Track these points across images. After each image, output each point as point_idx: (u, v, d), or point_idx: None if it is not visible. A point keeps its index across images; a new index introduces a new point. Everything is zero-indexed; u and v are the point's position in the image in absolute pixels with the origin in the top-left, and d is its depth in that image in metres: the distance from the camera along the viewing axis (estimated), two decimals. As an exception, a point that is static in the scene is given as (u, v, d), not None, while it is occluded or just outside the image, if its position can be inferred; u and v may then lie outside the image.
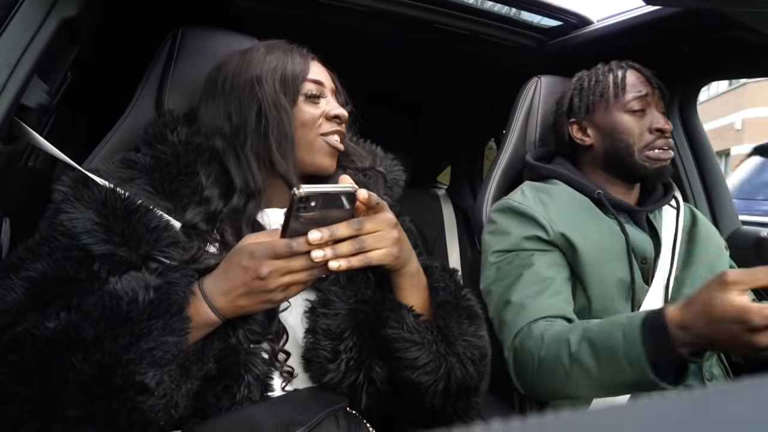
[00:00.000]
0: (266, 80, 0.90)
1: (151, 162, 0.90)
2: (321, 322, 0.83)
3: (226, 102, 0.91)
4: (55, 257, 0.76)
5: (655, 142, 1.17)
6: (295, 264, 0.71)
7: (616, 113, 1.20)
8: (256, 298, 0.72)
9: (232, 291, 0.73)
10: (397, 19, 1.42)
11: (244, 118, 0.89)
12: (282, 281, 0.71)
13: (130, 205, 0.80)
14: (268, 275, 0.70)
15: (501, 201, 1.21)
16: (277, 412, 0.76)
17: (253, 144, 0.89)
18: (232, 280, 0.72)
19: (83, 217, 0.78)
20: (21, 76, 0.85)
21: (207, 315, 0.73)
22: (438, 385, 0.82)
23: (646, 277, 1.14)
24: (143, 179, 0.87)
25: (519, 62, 1.66)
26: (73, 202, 0.80)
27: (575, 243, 1.10)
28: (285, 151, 0.89)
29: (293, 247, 0.70)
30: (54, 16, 0.89)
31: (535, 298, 1.05)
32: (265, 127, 0.89)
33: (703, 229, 1.26)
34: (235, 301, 0.73)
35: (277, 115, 0.89)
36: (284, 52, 0.95)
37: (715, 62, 1.42)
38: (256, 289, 0.71)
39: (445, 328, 0.84)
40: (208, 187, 0.88)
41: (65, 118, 1.45)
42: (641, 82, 1.20)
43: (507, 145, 1.43)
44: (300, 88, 0.93)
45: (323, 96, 0.95)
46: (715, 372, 1.15)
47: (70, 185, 0.82)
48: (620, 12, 1.42)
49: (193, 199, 0.87)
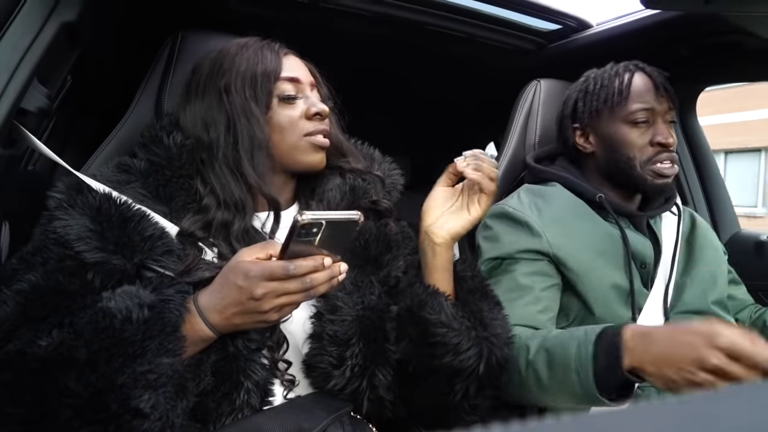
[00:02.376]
0: (235, 88, 0.88)
1: (145, 166, 0.88)
2: (328, 328, 0.82)
3: (200, 109, 0.90)
4: (48, 268, 0.75)
5: (657, 156, 1.12)
6: (291, 286, 0.70)
7: (618, 123, 1.15)
8: (250, 317, 0.72)
9: (226, 309, 0.72)
10: (397, 23, 1.42)
11: (215, 129, 0.87)
12: (277, 303, 0.71)
13: (125, 212, 0.79)
14: (262, 297, 0.70)
15: (496, 206, 1.20)
16: (282, 419, 0.76)
17: (226, 156, 0.86)
18: (227, 298, 0.72)
19: (77, 224, 0.77)
20: (21, 79, 0.85)
21: (202, 331, 0.73)
22: (479, 368, 0.84)
23: (646, 282, 1.14)
24: (138, 183, 0.86)
25: (519, 66, 1.66)
26: (67, 209, 0.79)
27: (567, 250, 1.09)
28: (257, 162, 0.87)
29: (290, 270, 0.69)
30: (54, 21, 0.89)
31: (508, 305, 1.04)
32: (235, 138, 0.86)
33: (702, 234, 1.25)
34: (230, 319, 0.73)
35: (248, 125, 0.86)
36: (255, 51, 0.91)
37: (714, 66, 1.42)
38: (251, 309, 0.71)
39: (478, 313, 0.86)
40: (207, 195, 0.86)
41: (65, 122, 1.45)
42: (648, 89, 1.13)
43: (506, 148, 1.43)
44: (272, 89, 0.89)
45: (300, 94, 0.92)
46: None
47: (63, 191, 0.81)
48: (619, 15, 1.42)
49: (191, 206, 0.86)
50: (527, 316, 1.04)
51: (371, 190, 0.97)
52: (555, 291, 1.10)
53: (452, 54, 1.65)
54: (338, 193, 0.94)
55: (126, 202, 0.80)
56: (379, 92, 1.76)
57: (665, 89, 1.14)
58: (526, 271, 1.08)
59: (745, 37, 1.15)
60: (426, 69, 1.85)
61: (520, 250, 1.11)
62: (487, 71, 1.80)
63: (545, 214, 1.14)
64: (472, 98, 2.09)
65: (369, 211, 0.96)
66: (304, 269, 0.70)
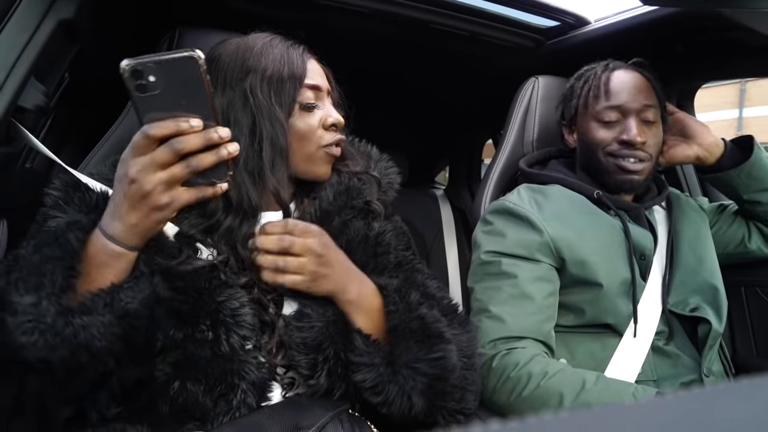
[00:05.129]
0: (261, 90, 0.85)
1: None
2: (296, 336, 0.80)
3: (222, 104, 0.85)
4: None
5: (619, 151, 1.15)
6: (159, 154, 0.66)
7: (590, 121, 1.19)
8: (141, 208, 0.68)
9: (117, 210, 0.68)
10: (394, 20, 1.42)
11: (239, 130, 0.83)
12: (156, 178, 0.66)
13: None
14: (137, 175, 0.66)
15: (497, 202, 1.21)
16: (281, 417, 0.75)
17: (247, 160, 0.83)
18: (114, 198, 0.69)
19: (72, 221, 0.74)
20: (18, 77, 0.85)
21: (107, 247, 0.69)
22: (389, 408, 0.80)
23: (644, 274, 1.15)
24: None
25: (516, 62, 1.66)
26: (63, 207, 0.77)
27: (569, 244, 1.10)
28: (277, 167, 0.85)
29: (148, 132, 0.65)
30: (51, 18, 0.89)
31: (513, 314, 1.06)
32: (259, 142, 0.84)
33: (681, 212, 1.26)
34: (125, 220, 0.68)
35: (272, 130, 0.84)
36: (281, 52, 0.88)
37: (713, 62, 1.42)
38: (135, 196, 0.67)
39: (391, 354, 0.80)
40: (220, 211, 0.83)
41: (63, 120, 1.45)
42: (623, 88, 1.16)
43: (505, 145, 1.43)
44: (296, 96, 0.88)
45: (319, 102, 0.91)
46: (713, 368, 1.15)
47: (60, 189, 0.80)
48: (617, 12, 1.42)
49: (193, 210, 0.82)
50: (534, 327, 1.06)
51: (366, 191, 0.96)
52: (555, 298, 1.11)
53: (450, 51, 1.65)
54: (331, 192, 0.93)
55: None
56: (375, 89, 1.76)
57: (651, 87, 1.17)
58: (527, 276, 1.09)
59: (743, 33, 1.15)
60: (423, 66, 1.85)
61: (521, 241, 1.11)
62: (486, 68, 1.79)
63: (545, 210, 1.14)
64: (469, 95, 2.09)
65: (361, 212, 0.95)
66: (164, 129, 0.65)
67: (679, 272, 1.17)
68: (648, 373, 1.08)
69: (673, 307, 1.14)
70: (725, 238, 1.31)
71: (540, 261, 1.10)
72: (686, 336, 1.15)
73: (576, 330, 1.12)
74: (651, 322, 1.11)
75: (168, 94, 0.63)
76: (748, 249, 1.31)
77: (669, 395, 0.21)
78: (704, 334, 1.12)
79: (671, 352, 1.11)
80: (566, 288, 1.11)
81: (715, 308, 1.15)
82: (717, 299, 1.16)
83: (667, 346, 1.12)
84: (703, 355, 1.12)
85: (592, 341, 1.11)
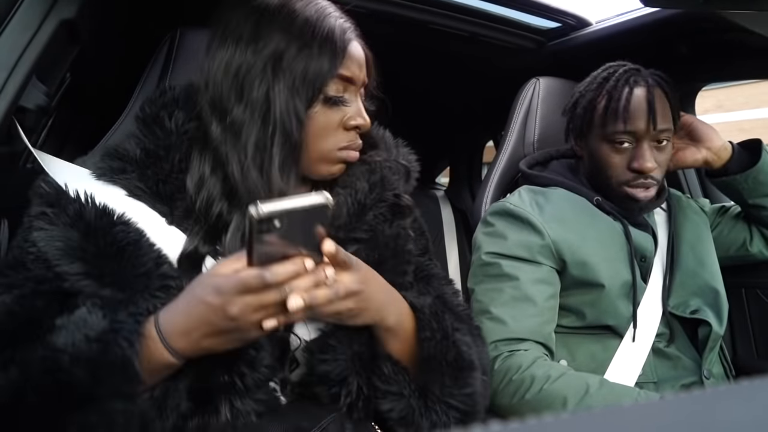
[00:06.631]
0: (286, 68, 0.72)
1: (141, 155, 0.76)
2: (319, 368, 0.73)
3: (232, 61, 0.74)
4: (25, 291, 0.67)
5: (634, 181, 1.12)
6: (270, 298, 0.60)
7: (602, 142, 1.14)
8: (224, 338, 0.63)
9: (194, 331, 0.62)
10: (395, 21, 1.41)
11: (249, 109, 0.73)
12: (256, 318, 0.61)
13: (120, 237, 0.69)
14: (238, 314, 0.60)
15: (498, 203, 1.21)
16: (282, 419, 0.73)
17: (256, 152, 0.73)
18: (195, 319, 0.62)
19: (62, 237, 0.68)
20: (19, 77, 0.85)
21: (163, 357, 0.63)
22: None
23: (644, 276, 1.15)
24: (135, 174, 0.75)
25: (518, 64, 1.66)
26: (50, 217, 0.70)
27: (570, 246, 1.10)
28: (287, 168, 0.74)
29: (267, 279, 0.59)
30: (53, 18, 0.89)
31: (515, 316, 1.06)
32: (271, 134, 0.73)
33: (682, 213, 1.26)
34: (199, 342, 0.63)
35: (288, 122, 0.73)
36: (321, 17, 0.75)
37: (714, 64, 1.42)
38: (225, 329, 0.62)
39: (424, 387, 0.74)
40: (216, 199, 0.74)
41: (64, 120, 1.45)
42: (641, 110, 1.09)
43: (506, 146, 1.43)
44: (324, 87, 0.75)
45: (349, 95, 0.79)
46: (714, 370, 1.15)
47: (50, 194, 0.72)
48: (619, 14, 1.42)
49: (192, 216, 0.74)
50: (535, 329, 1.06)
51: (395, 182, 0.86)
52: (555, 300, 1.11)
53: (450, 51, 1.65)
54: (366, 183, 0.82)
55: (123, 220, 0.70)
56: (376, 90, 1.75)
57: (669, 105, 1.13)
58: (529, 278, 1.08)
59: (744, 35, 1.15)
60: (423, 67, 1.85)
61: (522, 242, 1.11)
62: (487, 69, 1.79)
63: (546, 211, 1.14)
64: (470, 96, 2.09)
65: (390, 207, 0.85)
66: (283, 276, 0.59)
67: (680, 274, 1.17)
68: (648, 374, 1.08)
69: (674, 309, 1.14)
70: (726, 241, 1.31)
71: (541, 263, 1.10)
72: (687, 338, 1.15)
73: (577, 331, 1.12)
74: (651, 324, 1.11)
75: (288, 235, 0.59)
76: (749, 252, 1.30)
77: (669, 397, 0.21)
78: (705, 336, 1.12)
79: (672, 354, 1.11)
80: (567, 290, 1.11)
81: (715, 310, 1.15)
82: (717, 301, 1.16)
83: (668, 348, 1.12)
84: (704, 357, 1.11)
85: (593, 343, 1.11)
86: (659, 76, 1.15)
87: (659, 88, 1.13)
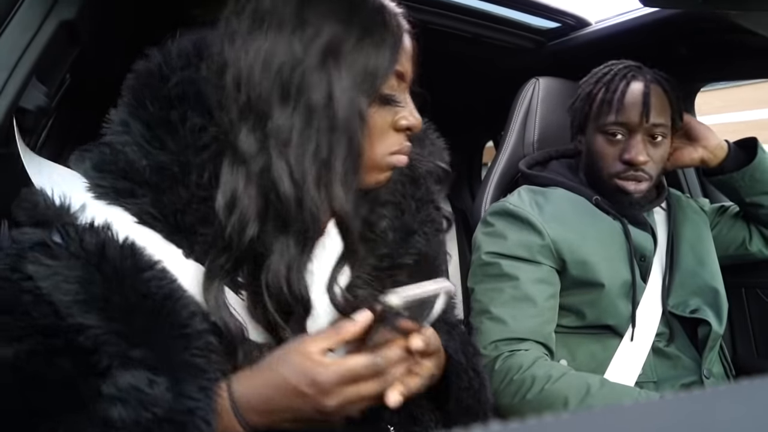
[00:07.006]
0: (345, 62, 0.59)
1: (152, 175, 0.60)
2: None
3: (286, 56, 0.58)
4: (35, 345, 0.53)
5: (624, 173, 1.13)
6: (371, 389, 0.54)
7: (597, 133, 1.16)
8: (309, 425, 0.56)
9: (276, 413, 0.56)
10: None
11: (304, 111, 0.58)
12: (350, 410, 0.55)
13: (155, 290, 0.56)
14: (336, 407, 0.53)
15: (497, 204, 1.21)
16: None
17: (312, 164, 0.58)
18: (279, 403, 0.55)
19: (72, 278, 0.53)
20: (19, 78, 0.85)
21: (235, 430, 0.57)
22: None
23: (644, 276, 1.15)
24: (147, 199, 0.60)
25: (517, 64, 1.66)
26: (52, 249, 0.54)
27: (570, 246, 1.10)
28: (350, 179, 0.60)
29: (378, 365, 0.53)
30: (53, 18, 0.89)
31: (515, 316, 1.06)
32: (333, 142, 0.58)
33: (681, 213, 1.26)
34: (279, 423, 0.56)
35: (353, 126, 0.59)
36: (375, 3, 0.65)
37: (713, 64, 1.42)
38: (313, 419, 0.55)
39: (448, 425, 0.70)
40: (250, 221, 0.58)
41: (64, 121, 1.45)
42: (635, 103, 1.11)
43: (505, 146, 1.43)
44: (382, 84, 0.63)
45: (400, 93, 0.68)
46: (714, 370, 1.15)
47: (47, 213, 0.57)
48: (618, 14, 1.42)
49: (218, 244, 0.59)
50: (536, 329, 1.06)
51: (437, 194, 0.77)
52: (555, 300, 1.11)
53: (451, 52, 1.65)
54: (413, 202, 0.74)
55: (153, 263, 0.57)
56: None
57: (668, 102, 1.14)
58: (529, 278, 1.08)
59: (744, 35, 1.15)
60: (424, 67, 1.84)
61: (522, 242, 1.11)
62: (486, 69, 1.79)
63: (546, 211, 1.14)
64: (469, 96, 2.09)
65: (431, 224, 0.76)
66: (393, 360, 0.54)
67: (679, 274, 1.17)
68: (648, 374, 1.08)
69: (674, 308, 1.14)
70: (726, 240, 1.31)
71: (541, 263, 1.10)
72: (686, 337, 1.15)
73: (577, 331, 1.12)
74: (651, 323, 1.11)
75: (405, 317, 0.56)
76: (748, 251, 1.30)
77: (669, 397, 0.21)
78: (704, 336, 1.12)
79: (671, 353, 1.11)
80: (567, 289, 1.11)
81: (715, 310, 1.15)
82: (717, 300, 1.16)
83: (668, 347, 1.12)
84: (704, 356, 1.12)
85: (593, 342, 1.11)
86: (660, 74, 1.17)
87: (658, 84, 1.14)
